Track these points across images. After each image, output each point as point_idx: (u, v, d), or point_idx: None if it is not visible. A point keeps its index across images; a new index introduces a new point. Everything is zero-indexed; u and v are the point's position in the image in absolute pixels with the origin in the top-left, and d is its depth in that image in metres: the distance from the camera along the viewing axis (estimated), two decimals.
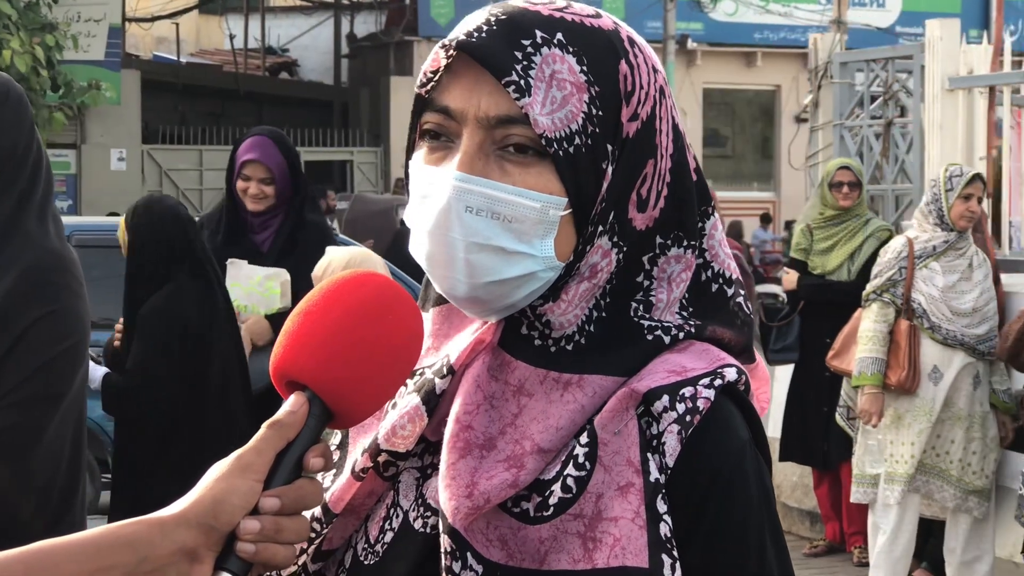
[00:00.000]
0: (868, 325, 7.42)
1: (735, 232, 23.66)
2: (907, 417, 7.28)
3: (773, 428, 9.24)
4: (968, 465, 7.28)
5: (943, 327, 7.26)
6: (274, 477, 1.41)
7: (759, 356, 1.64)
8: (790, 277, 8.72)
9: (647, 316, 1.53)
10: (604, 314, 1.52)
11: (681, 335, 1.53)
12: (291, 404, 1.43)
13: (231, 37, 33.31)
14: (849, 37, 13.84)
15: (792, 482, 9.45)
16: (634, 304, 1.53)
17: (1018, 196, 8.93)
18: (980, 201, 7.40)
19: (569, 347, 1.51)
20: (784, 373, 9.05)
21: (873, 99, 10.18)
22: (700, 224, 1.58)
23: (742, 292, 1.61)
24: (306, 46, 33.95)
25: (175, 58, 31.86)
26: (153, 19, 31.72)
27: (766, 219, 28.27)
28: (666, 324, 1.53)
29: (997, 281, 7.45)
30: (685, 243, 1.56)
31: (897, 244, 7.47)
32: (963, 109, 9.23)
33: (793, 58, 28.83)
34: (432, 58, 1.50)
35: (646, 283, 1.54)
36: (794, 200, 26.53)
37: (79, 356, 3.03)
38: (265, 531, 1.38)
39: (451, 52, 1.48)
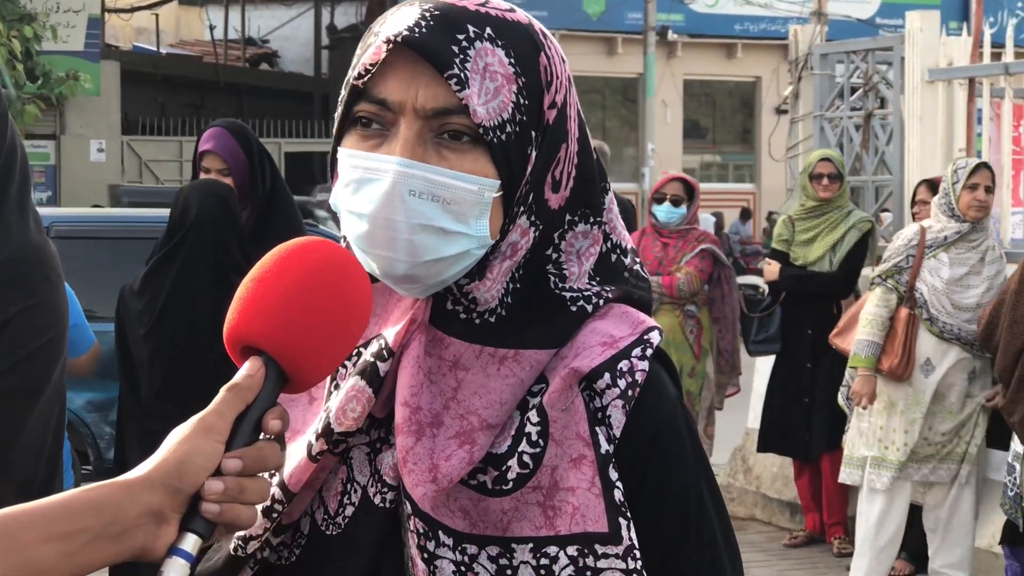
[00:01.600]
0: (869, 308, 7.50)
1: (717, 225, 23.68)
2: (900, 404, 7.36)
3: (754, 419, 9.26)
4: (960, 445, 7.34)
5: (941, 319, 7.28)
6: (234, 439, 1.44)
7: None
8: (772, 268, 8.73)
9: (565, 287, 1.64)
10: (519, 286, 1.62)
11: (601, 302, 1.64)
12: (248, 368, 1.47)
13: (211, 28, 33.26)
14: (829, 29, 13.85)
15: (772, 473, 9.47)
16: (551, 277, 1.64)
17: (997, 188, 8.94)
18: (990, 191, 7.37)
19: (492, 319, 1.61)
20: (765, 364, 9.06)
21: (853, 91, 10.20)
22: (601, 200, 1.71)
23: (637, 260, 1.73)
24: (286, 37, 33.94)
25: (155, 49, 31.80)
26: (133, 10, 31.65)
27: (746, 215, 28.33)
28: (586, 293, 1.64)
29: None
30: (592, 219, 1.68)
31: (909, 232, 7.50)
32: (943, 101, 9.24)
33: (773, 50, 28.89)
34: (372, 51, 1.57)
35: (555, 256, 1.65)
36: (774, 191, 26.56)
37: (59, 349, 3.03)
38: (229, 492, 1.41)
39: (391, 46, 1.55)
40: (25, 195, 3.01)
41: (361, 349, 1.62)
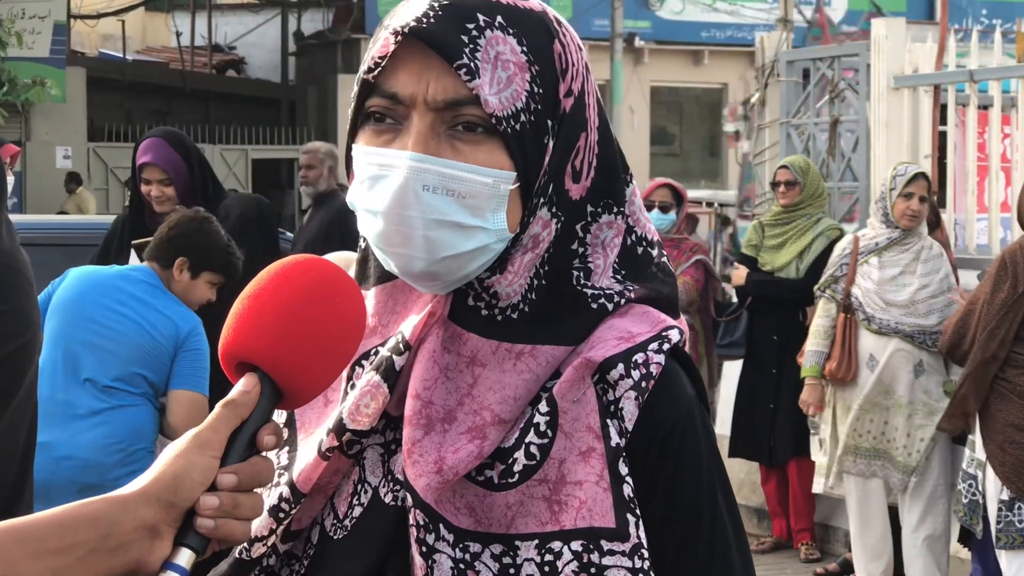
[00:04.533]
0: (815, 321, 7.71)
1: (691, 228, 23.59)
2: (853, 406, 7.48)
3: (721, 425, 9.29)
4: (917, 452, 7.39)
5: (877, 316, 7.41)
6: (229, 455, 1.44)
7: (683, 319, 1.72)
8: (739, 272, 8.77)
9: (588, 284, 1.61)
10: (544, 281, 1.59)
11: (623, 301, 1.61)
12: (244, 384, 1.47)
13: (178, 34, 33.14)
14: (795, 35, 13.90)
15: (739, 479, 9.49)
16: (575, 272, 1.61)
17: (963, 194, 8.99)
18: (924, 200, 7.46)
19: (515, 316, 1.58)
20: (732, 371, 9.08)
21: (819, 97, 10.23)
22: (625, 191, 1.67)
23: (663, 253, 1.70)
24: (253, 44, 33.82)
25: (121, 55, 31.65)
26: (99, 16, 31.50)
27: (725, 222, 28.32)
28: (608, 291, 1.61)
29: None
30: (615, 209, 1.64)
31: (844, 242, 7.70)
32: (908, 107, 9.29)
33: (740, 56, 28.96)
34: (381, 44, 1.54)
35: (581, 250, 1.62)
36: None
37: (29, 356, 3.03)
38: (224, 507, 1.42)
39: (399, 38, 1.52)
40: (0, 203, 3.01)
41: (379, 348, 1.60)
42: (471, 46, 1.51)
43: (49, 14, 22.57)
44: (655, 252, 1.68)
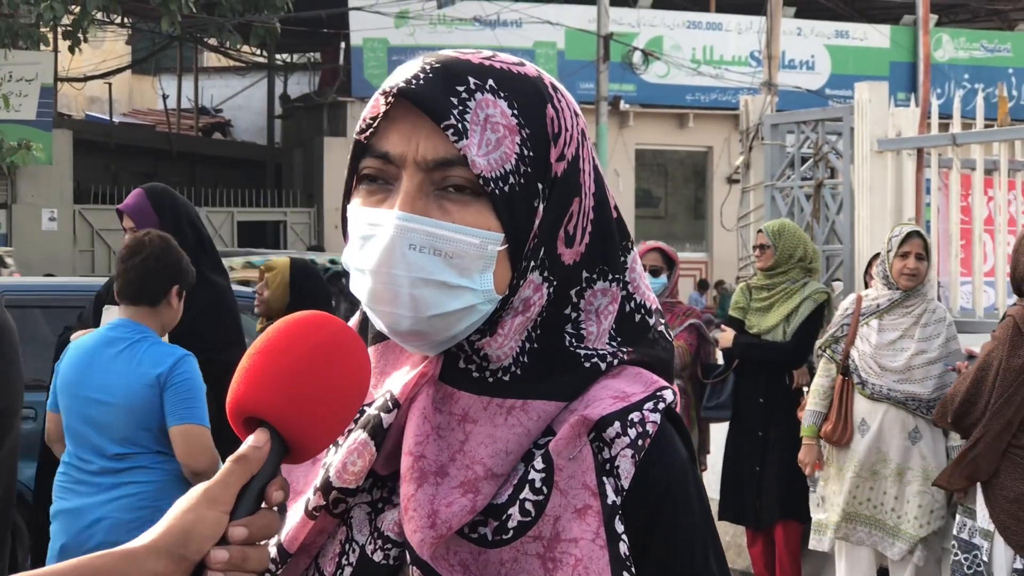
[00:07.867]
0: (816, 380, 7.69)
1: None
2: (846, 469, 7.43)
3: (711, 490, 9.27)
4: (915, 518, 7.34)
5: (870, 382, 7.37)
6: (238, 508, 1.45)
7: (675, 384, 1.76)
8: (726, 335, 8.76)
9: (581, 346, 1.61)
10: (536, 345, 1.60)
11: (616, 362, 1.62)
12: (255, 440, 1.48)
13: (164, 97, 33.26)
14: (779, 99, 13.96)
15: (725, 542, 9.47)
16: (567, 336, 1.61)
17: (946, 257, 9.03)
18: (921, 258, 7.39)
19: (506, 378, 1.58)
20: (719, 436, 9.06)
21: (804, 160, 10.28)
22: (622, 258, 1.68)
23: (662, 321, 1.71)
24: (240, 106, 33.98)
25: (107, 118, 31.74)
26: (86, 79, 31.60)
27: (703, 285, 28.43)
28: (601, 352, 1.62)
29: None
30: (610, 276, 1.65)
31: (846, 302, 7.67)
32: (892, 170, 9.34)
33: (725, 119, 29.11)
34: (372, 105, 1.56)
35: (574, 315, 1.62)
36: (726, 260, 26.71)
37: (10, 421, 3.02)
38: (233, 560, 1.43)
39: (390, 99, 1.54)
40: None
41: (365, 407, 1.60)
42: (460, 107, 1.52)
43: (36, 77, 22.64)
44: (652, 320, 1.69)
